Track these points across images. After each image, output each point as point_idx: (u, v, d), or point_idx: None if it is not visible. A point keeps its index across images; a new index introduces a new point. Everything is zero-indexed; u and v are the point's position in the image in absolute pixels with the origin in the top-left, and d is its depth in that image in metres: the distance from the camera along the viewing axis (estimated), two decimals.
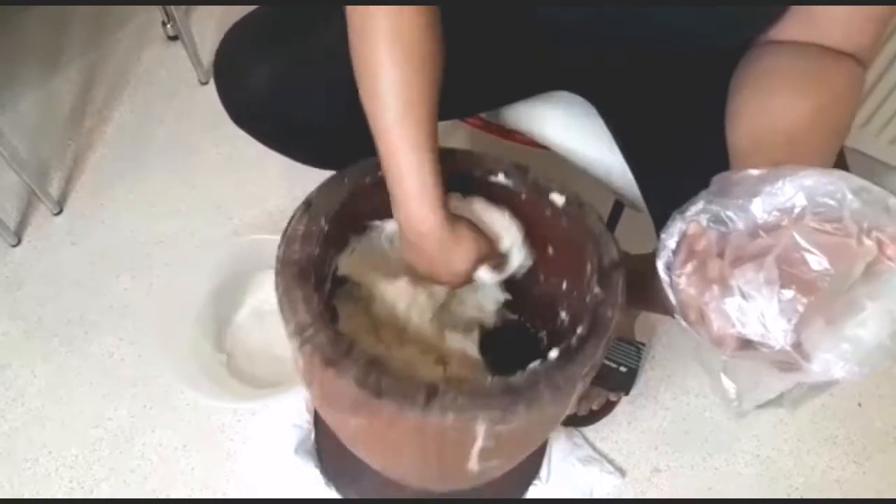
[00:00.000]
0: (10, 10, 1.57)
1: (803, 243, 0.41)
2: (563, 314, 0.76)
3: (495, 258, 0.70)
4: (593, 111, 0.84)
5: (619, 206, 1.06)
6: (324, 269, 0.67)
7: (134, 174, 1.33)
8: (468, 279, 0.69)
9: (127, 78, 1.49)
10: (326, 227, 0.65)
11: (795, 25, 0.60)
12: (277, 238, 0.65)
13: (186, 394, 1.06)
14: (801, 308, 0.41)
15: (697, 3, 0.60)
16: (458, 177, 0.69)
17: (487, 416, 0.54)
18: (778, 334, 0.41)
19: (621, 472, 1.03)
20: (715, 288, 0.43)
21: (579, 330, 0.61)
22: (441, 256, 0.64)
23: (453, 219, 0.64)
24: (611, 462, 1.04)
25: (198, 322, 1.06)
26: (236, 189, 1.32)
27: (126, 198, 1.30)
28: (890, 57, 1.13)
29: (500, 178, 0.72)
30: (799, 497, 1.04)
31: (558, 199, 0.71)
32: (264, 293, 1.12)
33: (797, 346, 0.42)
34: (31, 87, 1.45)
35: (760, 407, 0.48)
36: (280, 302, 0.60)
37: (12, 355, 1.10)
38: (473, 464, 0.62)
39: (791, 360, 0.42)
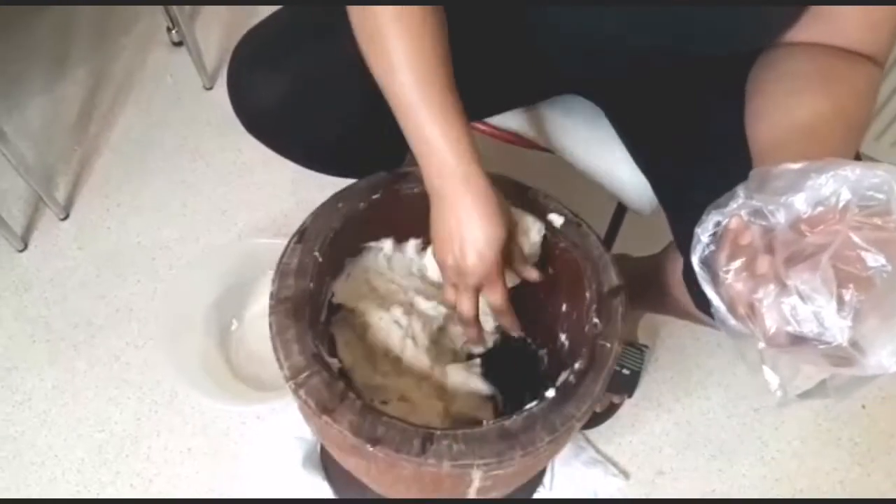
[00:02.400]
0: (16, 16, 1.58)
1: (859, 241, 0.41)
2: (563, 337, 0.76)
3: (516, 247, 0.69)
4: (599, 114, 0.84)
5: (622, 207, 1.06)
6: (319, 299, 0.67)
7: (139, 179, 1.34)
8: (499, 267, 0.64)
9: (132, 83, 1.49)
10: (321, 259, 0.64)
11: (812, 27, 0.60)
12: (282, 242, 0.65)
13: (192, 397, 1.06)
14: (858, 306, 0.41)
15: (719, 6, 0.60)
16: None
17: (483, 463, 0.54)
18: (836, 332, 0.41)
19: (625, 474, 1.04)
20: (771, 286, 0.43)
21: (577, 364, 0.60)
22: (483, 215, 0.61)
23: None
24: (614, 464, 1.04)
25: (203, 326, 1.07)
26: (241, 194, 1.32)
27: (131, 202, 1.30)
28: (892, 59, 1.13)
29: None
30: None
31: (557, 220, 0.70)
32: (268, 297, 1.12)
33: (852, 341, 0.42)
34: (37, 93, 1.46)
35: (805, 397, 0.48)
36: (273, 343, 0.60)
37: (19, 359, 1.11)
38: (472, 495, 0.62)
39: (847, 355, 0.42)
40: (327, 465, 0.99)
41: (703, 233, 0.47)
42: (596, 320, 0.63)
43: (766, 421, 1.11)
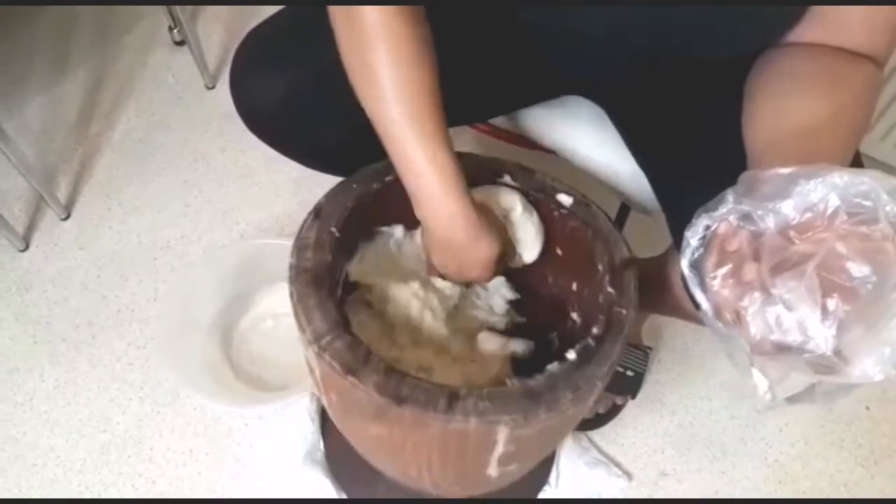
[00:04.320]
0: (17, 16, 1.57)
1: (844, 251, 0.41)
2: (575, 315, 0.76)
3: (509, 240, 0.70)
4: (602, 115, 0.84)
5: (625, 209, 1.06)
6: (334, 276, 0.68)
7: (141, 179, 1.34)
8: (498, 268, 0.69)
9: (133, 83, 1.49)
10: (338, 234, 0.65)
11: (813, 28, 0.60)
12: (284, 242, 0.65)
13: (194, 398, 1.06)
14: (842, 315, 0.41)
15: (719, 7, 0.60)
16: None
17: (509, 419, 0.54)
18: (820, 341, 0.42)
19: (628, 475, 1.03)
20: (756, 294, 0.43)
21: (595, 330, 0.61)
22: (474, 244, 0.64)
23: (477, 206, 0.63)
24: (618, 465, 1.04)
25: (205, 326, 1.06)
26: (243, 193, 1.32)
27: (133, 202, 1.30)
28: None
29: (507, 179, 0.72)
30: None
31: (566, 199, 0.71)
32: (271, 297, 1.13)
33: (836, 350, 0.42)
34: (39, 93, 1.46)
35: (792, 401, 0.48)
36: (295, 310, 0.60)
37: (20, 359, 1.10)
38: (493, 469, 0.62)
39: (831, 364, 0.42)
40: (331, 464, 0.99)
41: (693, 236, 0.47)
42: (610, 290, 0.64)
43: (769, 423, 1.11)
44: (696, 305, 0.47)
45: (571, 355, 0.59)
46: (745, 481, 1.05)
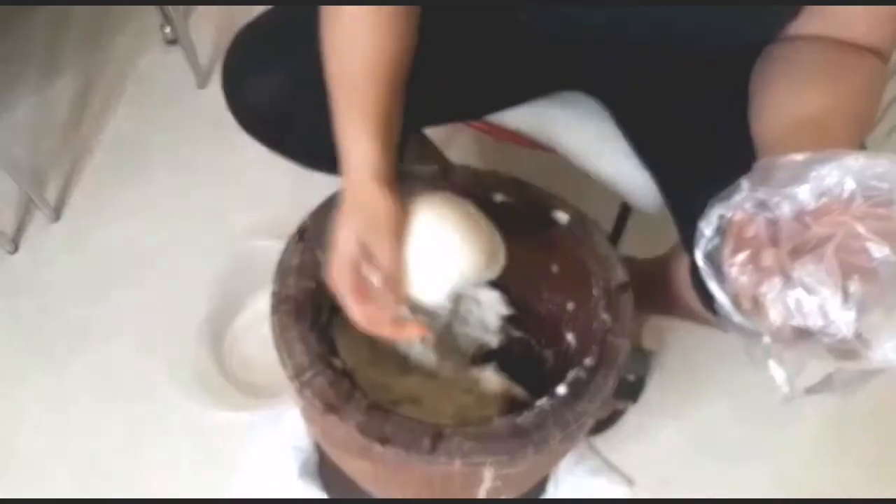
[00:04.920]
0: (7, 15, 1.56)
1: (863, 232, 0.41)
2: (570, 337, 0.75)
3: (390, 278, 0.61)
4: (602, 112, 0.83)
5: (626, 208, 1.05)
6: (320, 300, 0.66)
7: (132, 180, 1.32)
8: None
9: (125, 83, 1.48)
10: (322, 258, 0.63)
11: (816, 21, 0.60)
12: (276, 244, 0.64)
13: (186, 404, 1.04)
14: (863, 298, 0.41)
15: (712, 3, 0.60)
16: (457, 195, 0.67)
17: (495, 460, 0.53)
18: (841, 325, 0.42)
19: (630, 482, 1.02)
20: (776, 279, 0.43)
21: (587, 361, 0.60)
22: (349, 215, 0.59)
23: (398, 198, 0.60)
24: (619, 472, 1.02)
25: (197, 331, 1.05)
26: (236, 194, 1.30)
27: (124, 204, 1.28)
28: None
29: (501, 197, 0.70)
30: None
31: (562, 217, 0.70)
32: (263, 300, 1.09)
33: (857, 334, 0.42)
34: (29, 93, 1.44)
35: (811, 392, 0.48)
36: (276, 343, 0.59)
37: (10, 364, 1.09)
38: (482, 497, 0.61)
39: (852, 348, 0.42)
40: (324, 473, 0.98)
41: (707, 226, 0.47)
42: (605, 316, 0.63)
43: (773, 429, 1.09)
44: (710, 300, 0.47)
45: (562, 390, 0.58)
46: (749, 488, 1.03)
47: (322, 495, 0.96)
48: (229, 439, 1.02)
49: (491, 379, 0.73)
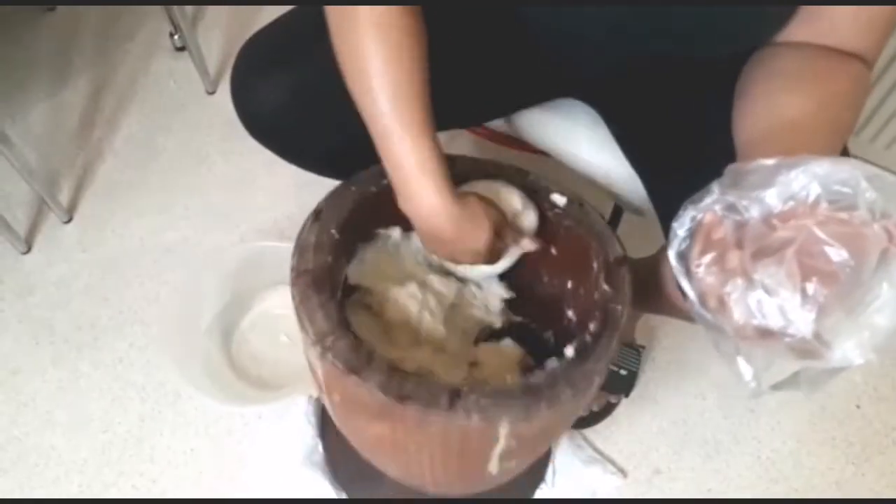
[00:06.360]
0: (20, 22, 1.59)
1: (822, 236, 0.42)
2: (570, 313, 0.78)
3: (508, 228, 0.71)
4: (596, 117, 0.85)
5: (618, 210, 1.07)
6: (335, 277, 0.69)
7: (142, 183, 1.35)
8: (491, 254, 0.69)
9: (135, 88, 1.51)
10: (337, 236, 0.66)
11: (803, 27, 0.61)
12: (284, 245, 0.65)
13: (194, 398, 1.07)
14: (822, 299, 0.42)
15: (712, 7, 0.60)
16: (458, 183, 0.70)
17: (510, 416, 0.55)
18: (800, 325, 0.42)
19: (622, 473, 1.05)
20: (738, 280, 0.44)
21: (592, 327, 0.63)
22: (459, 236, 0.65)
23: (461, 196, 0.64)
24: (612, 463, 1.05)
25: (206, 327, 1.08)
26: (243, 197, 1.33)
27: (135, 206, 1.31)
28: (886, 61, 1.14)
29: (502, 180, 0.73)
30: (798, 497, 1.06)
31: (560, 199, 0.73)
32: (271, 299, 1.14)
33: (817, 334, 0.43)
34: (41, 98, 1.47)
35: (777, 388, 0.49)
36: (297, 312, 0.60)
37: (23, 361, 1.11)
38: (493, 465, 0.63)
39: (811, 348, 0.43)
40: (331, 464, 1.00)
41: (680, 227, 0.48)
42: (606, 287, 0.65)
43: (762, 421, 1.12)
44: (684, 295, 0.48)
45: (570, 352, 0.60)
46: (738, 479, 1.06)
47: (328, 485, 0.98)
48: (238, 432, 1.05)
49: (508, 348, 0.76)
